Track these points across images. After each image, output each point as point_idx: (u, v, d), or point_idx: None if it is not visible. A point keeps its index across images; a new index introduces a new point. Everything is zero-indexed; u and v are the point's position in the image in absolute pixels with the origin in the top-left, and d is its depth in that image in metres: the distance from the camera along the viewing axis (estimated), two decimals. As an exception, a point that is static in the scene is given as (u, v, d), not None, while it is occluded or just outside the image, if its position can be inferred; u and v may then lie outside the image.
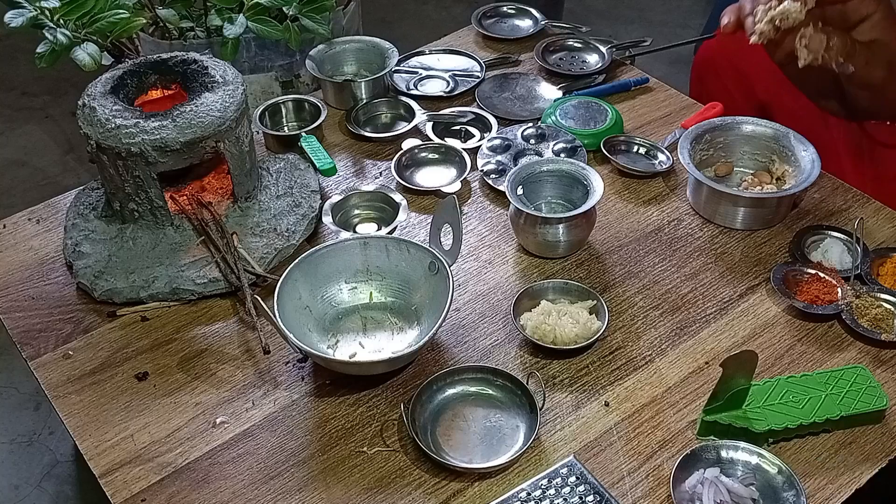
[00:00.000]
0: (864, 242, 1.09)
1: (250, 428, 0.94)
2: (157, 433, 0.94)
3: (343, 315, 1.04)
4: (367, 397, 0.97)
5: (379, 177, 1.26)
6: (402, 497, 0.87)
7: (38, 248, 1.17)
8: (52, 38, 1.26)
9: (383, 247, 1.05)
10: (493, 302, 1.07)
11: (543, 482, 0.87)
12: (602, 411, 0.95)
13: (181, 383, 0.99)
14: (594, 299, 1.03)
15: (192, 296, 1.07)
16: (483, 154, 1.26)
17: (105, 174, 1.10)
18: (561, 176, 1.15)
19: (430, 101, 1.38)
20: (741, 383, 0.91)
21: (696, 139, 1.19)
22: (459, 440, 0.92)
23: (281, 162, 1.23)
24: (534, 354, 1.01)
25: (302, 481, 0.89)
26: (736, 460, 0.88)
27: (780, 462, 0.86)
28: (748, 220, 1.15)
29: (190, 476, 0.90)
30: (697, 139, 1.19)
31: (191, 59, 1.15)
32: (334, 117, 1.36)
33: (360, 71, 1.42)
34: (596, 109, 1.32)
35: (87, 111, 1.08)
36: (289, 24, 1.37)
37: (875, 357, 0.99)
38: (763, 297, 1.07)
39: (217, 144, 1.08)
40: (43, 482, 1.57)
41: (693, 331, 1.03)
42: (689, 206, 1.19)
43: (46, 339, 1.04)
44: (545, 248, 1.11)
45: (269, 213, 1.15)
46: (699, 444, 0.89)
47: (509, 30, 1.55)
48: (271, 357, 1.01)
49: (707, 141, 1.21)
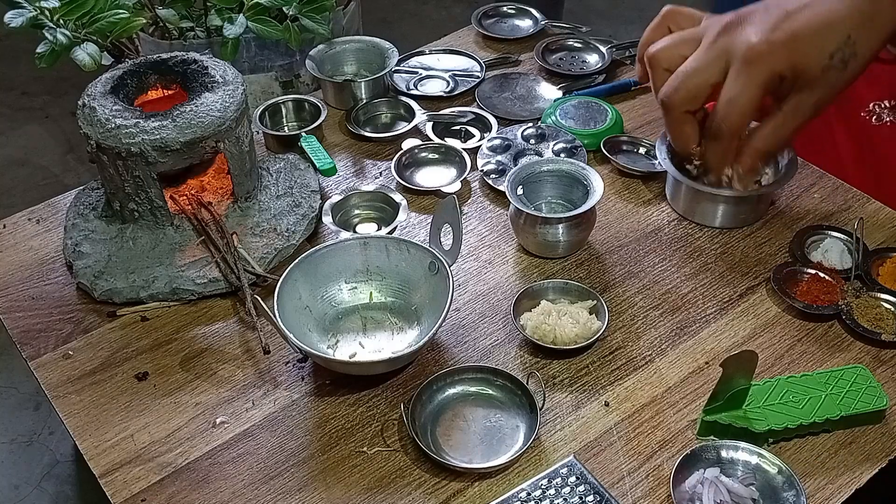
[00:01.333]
0: (864, 242, 1.09)
1: (250, 428, 0.94)
2: (157, 433, 0.94)
3: (343, 315, 1.04)
4: (367, 397, 0.97)
5: (379, 177, 1.26)
6: (402, 497, 0.87)
7: (38, 248, 1.17)
8: (52, 38, 1.26)
9: (383, 247, 1.05)
10: (493, 302, 1.07)
11: (543, 482, 0.87)
12: (602, 411, 0.95)
13: (181, 383, 0.99)
14: (594, 299, 1.04)
15: (192, 296, 1.07)
16: (483, 154, 1.26)
17: (105, 174, 1.10)
18: (561, 176, 1.15)
19: (430, 101, 1.38)
20: (741, 383, 0.91)
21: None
22: (459, 440, 0.92)
23: (281, 162, 1.23)
24: (534, 354, 1.01)
25: (302, 481, 0.89)
26: (736, 460, 0.88)
27: (780, 462, 0.86)
28: (727, 218, 1.15)
29: (190, 476, 0.90)
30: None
31: (191, 59, 1.15)
32: (334, 117, 1.36)
33: (360, 71, 1.42)
34: (596, 109, 1.32)
35: (87, 111, 1.08)
36: (289, 24, 1.37)
37: (875, 357, 0.99)
38: (763, 297, 1.07)
39: (217, 144, 1.08)
40: (43, 482, 1.57)
41: (693, 331, 1.03)
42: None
43: (46, 339, 1.04)
44: (545, 248, 1.12)
45: (269, 213, 1.15)
46: (699, 444, 0.89)
47: (509, 30, 1.55)
48: (271, 357, 1.01)
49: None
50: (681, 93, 0.97)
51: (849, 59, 0.91)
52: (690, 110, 0.99)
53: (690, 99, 0.97)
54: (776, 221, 1.17)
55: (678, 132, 1.01)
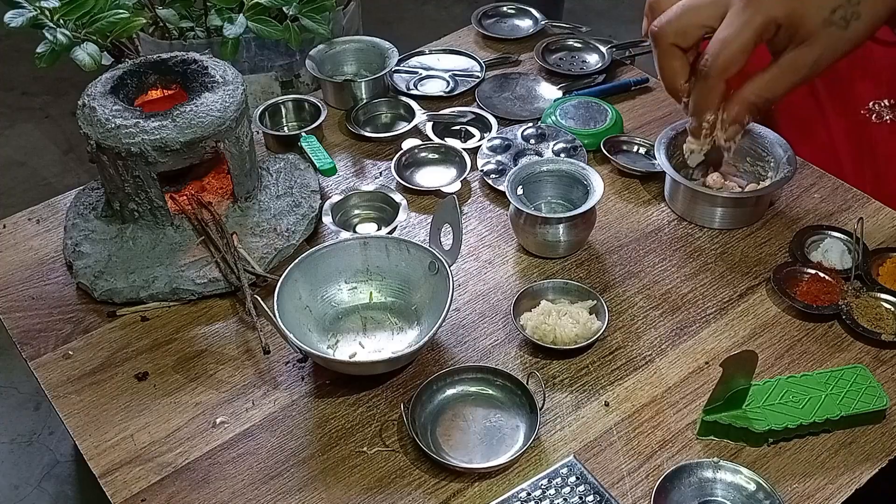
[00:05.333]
0: (864, 242, 1.09)
1: (250, 428, 0.94)
2: (157, 433, 0.94)
3: (343, 315, 1.04)
4: (367, 397, 0.97)
5: (379, 177, 1.26)
6: (402, 497, 0.87)
7: (38, 248, 1.17)
8: (52, 38, 1.26)
9: (383, 247, 1.05)
10: (493, 302, 1.07)
11: (543, 482, 0.87)
12: (602, 411, 0.95)
13: (181, 383, 0.99)
14: (594, 299, 1.04)
15: (192, 296, 1.07)
16: (483, 154, 1.26)
17: (105, 174, 1.10)
18: (561, 176, 1.15)
19: (430, 101, 1.38)
20: (741, 383, 0.91)
21: (675, 139, 1.19)
22: (459, 440, 0.92)
23: (281, 162, 1.23)
24: (534, 354, 1.01)
25: (302, 481, 0.89)
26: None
27: (759, 477, 0.86)
28: (725, 219, 1.15)
29: (190, 476, 0.90)
30: (675, 139, 1.20)
31: (191, 59, 1.15)
32: (334, 117, 1.36)
33: (360, 71, 1.42)
34: (596, 109, 1.32)
35: (87, 111, 1.08)
36: (289, 24, 1.37)
37: (875, 357, 0.99)
38: (763, 297, 1.07)
39: (217, 144, 1.08)
40: (43, 482, 1.57)
41: (693, 331, 1.03)
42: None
43: (46, 339, 1.04)
44: (545, 248, 1.11)
45: (269, 213, 1.15)
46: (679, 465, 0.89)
47: (509, 30, 1.55)
48: (271, 357, 1.01)
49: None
50: (672, 24, 0.95)
51: (851, 18, 0.88)
52: (680, 45, 0.97)
53: (681, 32, 0.96)
54: (776, 221, 1.17)
55: (666, 66, 0.99)
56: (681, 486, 0.86)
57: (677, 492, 0.85)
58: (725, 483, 0.86)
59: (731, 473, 0.86)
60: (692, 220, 1.16)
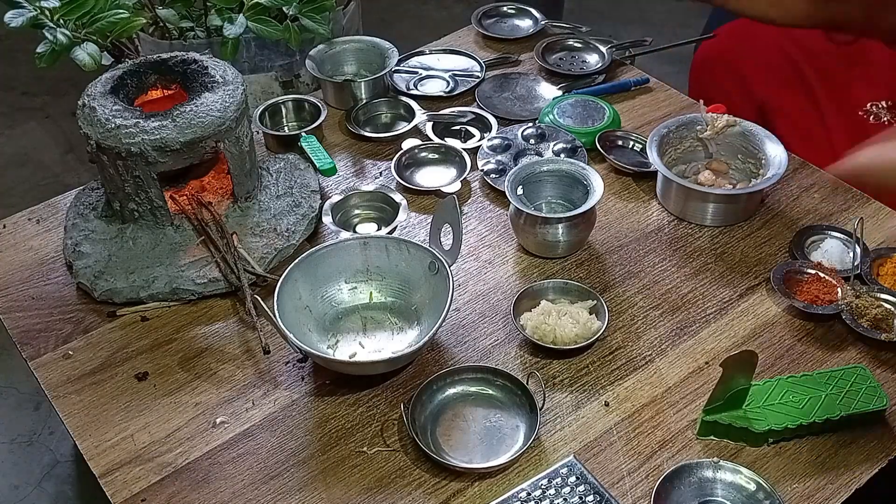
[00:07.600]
0: (864, 242, 1.09)
1: (250, 428, 0.94)
2: (157, 433, 0.94)
3: (343, 315, 1.04)
4: (367, 397, 0.97)
5: (379, 177, 1.26)
6: (402, 497, 0.87)
7: (38, 248, 1.17)
8: (52, 38, 1.26)
9: (383, 247, 1.05)
10: (493, 302, 1.07)
11: (543, 482, 0.87)
12: (602, 411, 0.95)
13: (181, 383, 0.99)
14: (594, 299, 1.03)
15: (192, 296, 1.07)
16: (483, 154, 1.26)
17: (105, 174, 1.10)
18: (561, 176, 1.15)
19: (430, 101, 1.38)
20: (741, 383, 0.91)
21: (666, 136, 1.19)
22: (459, 440, 0.92)
23: (281, 162, 1.23)
24: (534, 354, 1.01)
25: (302, 481, 0.89)
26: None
27: (759, 478, 0.86)
28: (717, 216, 1.15)
29: (190, 476, 0.90)
30: (667, 136, 1.20)
31: (191, 59, 1.15)
32: (334, 117, 1.36)
33: (360, 71, 1.42)
34: (593, 108, 1.32)
35: (87, 111, 1.08)
36: (289, 24, 1.37)
37: (875, 357, 0.99)
38: (763, 297, 1.07)
39: (217, 144, 1.08)
40: (43, 482, 1.57)
41: (693, 331, 1.03)
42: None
43: (46, 339, 1.04)
44: (545, 248, 1.11)
45: (269, 213, 1.15)
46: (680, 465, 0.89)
47: (509, 30, 1.55)
48: (271, 357, 1.01)
49: (679, 138, 1.21)
50: None
51: None
52: None
53: None
54: (776, 221, 1.17)
55: None
56: (681, 485, 0.86)
57: (677, 492, 0.85)
58: (725, 483, 0.86)
59: (731, 473, 0.86)
60: (684, 218, 1.17)
